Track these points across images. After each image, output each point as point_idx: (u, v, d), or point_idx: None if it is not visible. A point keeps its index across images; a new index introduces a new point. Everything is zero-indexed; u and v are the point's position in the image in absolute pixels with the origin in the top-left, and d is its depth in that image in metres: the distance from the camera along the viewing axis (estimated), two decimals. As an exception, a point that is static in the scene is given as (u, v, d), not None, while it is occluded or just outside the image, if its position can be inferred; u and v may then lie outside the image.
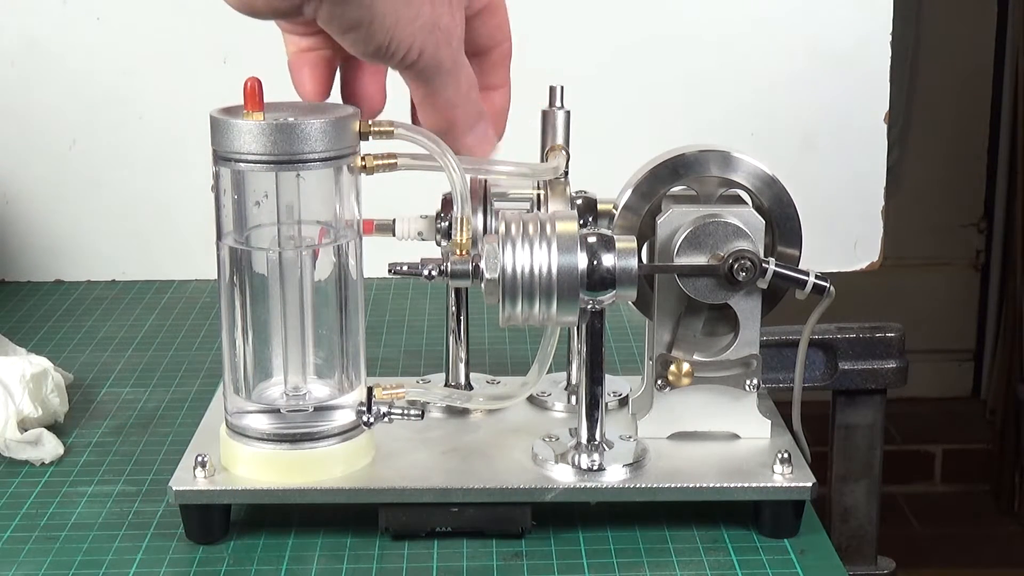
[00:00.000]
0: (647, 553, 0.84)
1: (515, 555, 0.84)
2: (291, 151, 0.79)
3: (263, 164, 0.80)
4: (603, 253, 0.82)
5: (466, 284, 0.84)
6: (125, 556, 0.84)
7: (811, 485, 0.85)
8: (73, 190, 1.46)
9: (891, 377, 1.07)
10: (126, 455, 1.00)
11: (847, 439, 1.09)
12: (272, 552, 0.84)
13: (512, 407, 0.95)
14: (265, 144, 0.79)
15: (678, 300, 0.89)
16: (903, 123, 2.90)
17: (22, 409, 0.99)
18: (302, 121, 0.79)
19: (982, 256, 3.09)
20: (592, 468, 0.86)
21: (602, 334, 0.85)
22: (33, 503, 0.92)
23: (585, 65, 1.44)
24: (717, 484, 0.85)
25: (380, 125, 0.83)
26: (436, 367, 1.04)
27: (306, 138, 0.79)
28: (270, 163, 0.80)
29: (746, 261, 0.85)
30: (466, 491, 0.85)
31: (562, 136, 0.92)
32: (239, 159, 0.80)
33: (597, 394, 0.86)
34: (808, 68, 1.48)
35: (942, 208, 3.03)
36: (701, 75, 1.47)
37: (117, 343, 1.25)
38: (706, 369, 0.89)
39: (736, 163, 0.89)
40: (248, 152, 0.79)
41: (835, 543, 0.91)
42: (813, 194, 1.03)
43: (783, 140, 1.48)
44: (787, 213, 0.89)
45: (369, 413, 0.85)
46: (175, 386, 1.14)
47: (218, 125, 0.80)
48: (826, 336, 1.06)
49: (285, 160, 0.80)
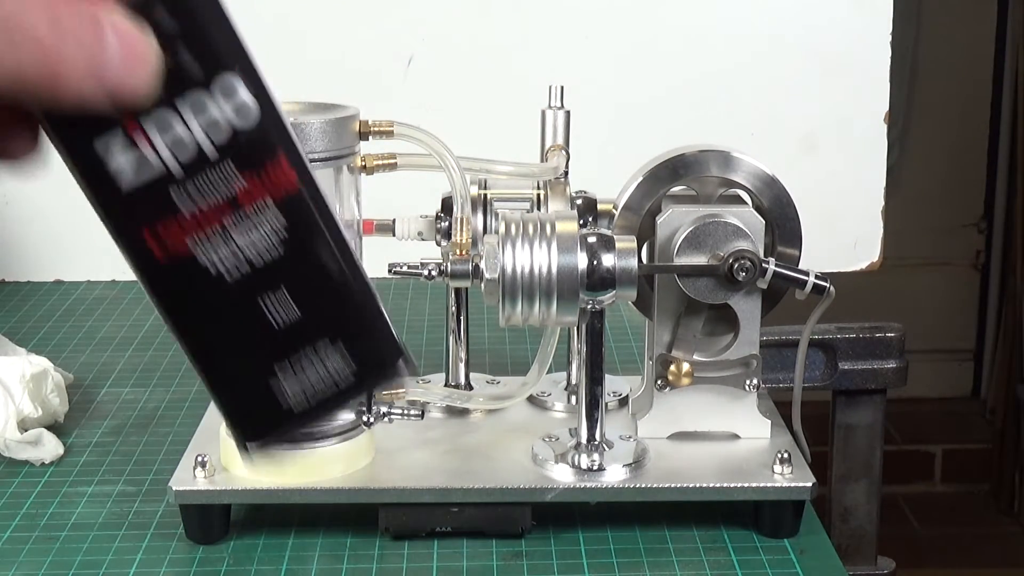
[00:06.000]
0: (647, 553, 0.84)
1: (515, 555, 0.84)
2: (291, 151, 0.79)
3: (263, 164, 0.80)
4: (603, 253, 0.82)
5: (466, 284, 0.84)
6: (125, 556, 0.84)
7: (811, 485, 0.85)
8: (73, 190, 1.46)
9: (891, 377, 1.07)
10: (126, 455, 1.00)
11: (847, 439, 1.09)
12: (272, 552, 0.84)
13: (512, 407, 0.95)
14: (265, 144, 0.79)
15: (678, 300, 0.89)
16: (903, 123, 2.90)
17: (22, 409, 0.98)
18: (302, 121, 0.79)
19: (982, 256, 3.09)
20: (592, 468, 0.86)
21: (602, 334, 0.85)
22: (33, 503, 0.92)
23: (585, 65, 1.44)
24: (717, 484, 0.85)
25: (380, 125, 0.83)
26: (436, 367, 1.04)
27: (306, 138, 0.79)
28: (270, 163, 0.80)
29: (746, 261, 0.85)
30: (466, 491, 0.85)
31: (562, 136, 0.92)
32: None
33: (597, 394, 0.86)
34: (808, 68, 1.48)
35: (942, 208, 3.03)
36: (701, 75, 1.47)
37: (117, 343, 1.25)
38: (706, 369, 0.89)
39: (736, 163, 0.89)
40: (248, 152, 0.79)
41: (835, 543, 0.91)
42: (813, 194, 1.02)
43: (783, 140, 1.48)
44: (787, 213, 0.89)
45: (369, 413, 0.85)
46: (175, 386, 1.14)
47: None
48: (826, 336, 1.06)
49: (285, 160, 0.79)
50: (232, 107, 0.42)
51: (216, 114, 0.42)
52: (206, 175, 0.42)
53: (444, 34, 1.43)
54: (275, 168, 0.43)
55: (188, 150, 0.42)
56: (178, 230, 0.43)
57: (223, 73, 0.42)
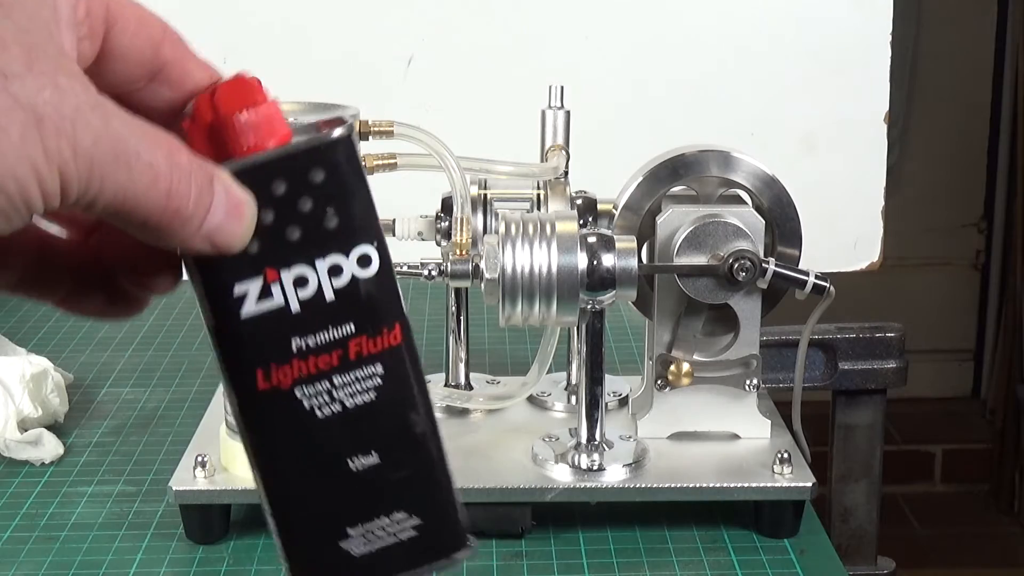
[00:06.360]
0: (647, 553, 0.84)
1: (515, 555, 0.84)
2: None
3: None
4: (603, 253, 0.82)
5: (466, 284, 0.84)
6: (125, 556, 0.84)
7: (811, 485, 0.85)
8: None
9: (891, 377, 1.07)
10: (126, 455, 1.00)
11: (847, 439, 1.09)
12: (272, 552, 0.84)
13: (512, 407, 0.95)
14: (265, 144, 0.79)
15: (678, 300, 0.88)
16: (903, 123, 2.90)
17: (22, 409, 0.98)
18: (301, 121, 0.79)
19: (982, 256, 3.09)
20: (592, 468, 0.86)
21: (602, 334, 0.85)
22: (33, 503, 0.92)
23: (585, 65, 1.44)
24: (717, 484, 0.85)
25: (380, 125, 0.83)
26: (436, 367, 1.04)
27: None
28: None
29: (746, 261, 0.85)
30: (466, 491, 0.85)
31: (562, 136, 0.92)
32: (239, 159, 0.80)
33: (597, 394, 0.86)
34: (808, 68, 1.48)
35: (942, 208, 3.02)
36: (701, 75, 1.47)
37: (117, 343, 1.25)
38: (706, 369, 0.89)
39: (736, 163, 0.89)
40: (248, 152, 0.79)
41: (835, 543, 0.91)
42: (813, 194, 1.02)
43: (783, 140, 1.48)
44: (787, 213, 0.89)
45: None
46: (175, 386, 1.14)
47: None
48: (826, 336, 1.06)
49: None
50: (364, 274, 0.46)
51: (347, 278, 0.45)
52: (326, 328, 0.45)
53: (444, 34, 1.43)
54: (389, 334, 0.46)
55: (315, 302, 0.45)
56: (287, 369, 0.45)
57: (362, 244, 0.45)
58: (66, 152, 0.39)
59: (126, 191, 0.41)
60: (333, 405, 0.45)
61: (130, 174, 0.41)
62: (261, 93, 0.44)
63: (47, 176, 0.39)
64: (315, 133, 0.45)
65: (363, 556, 0.46)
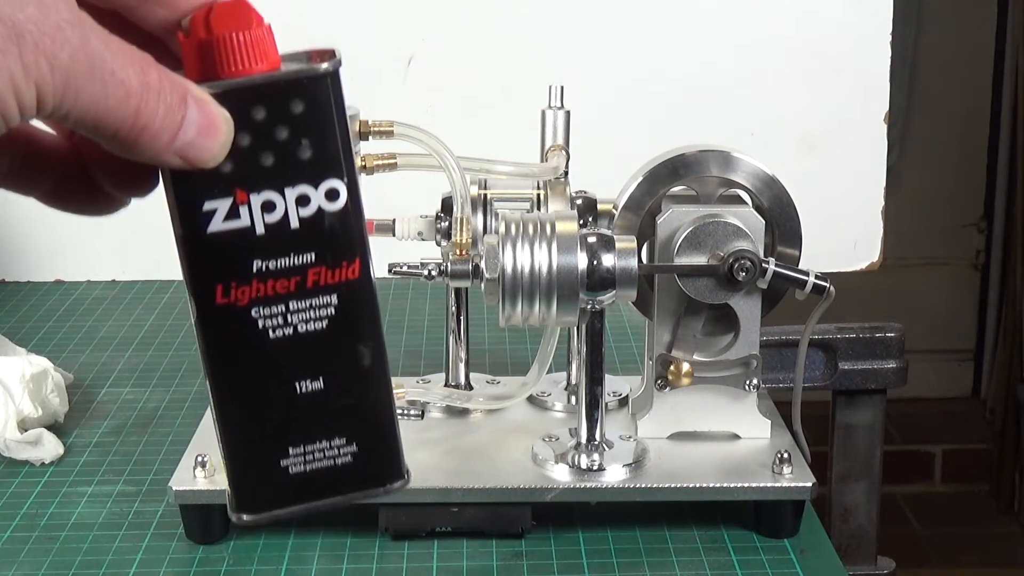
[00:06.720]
0: (647, 553, 0.84)
1: (515, 555, 0.84)
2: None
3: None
4: (603, 253, 0.82)
5: (466, 284, 0.84)
6: (125, 556, 0.84)
7: (811, 485, 0.85)
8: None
9: (891, 377, 1.07)
10: (126, 455, 1.00)
11: (847, 439, 1.09)
12: (272, 552, 0.84)
13: (512, 407, 0.95)
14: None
15: (678, 300, 0.89)
16: (903, 123, 2.90)
17: (22, 409, 0.98)
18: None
19: (982, 256, 3.08)
20: (592, 468, 0.86)
21: (602, 334, 0.85)
22: (33, 503, 0.92)
23: (585, 65, 1.44)
24: (717, 484, 0.85)
25: (380, 125, 0.83)
26: (436, 367, 1.04)
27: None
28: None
29: (746, 261, 0.85)
30: (466, 491, 0.85)
31: (562, 136, 0.92)
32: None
33: (597, 394, 0.86)
34: (808, 68, 1.48)
35: (942, 208, 3.02)
36: (701, 75, 1.47)
37: (117, 343, 1.25)
38: (706, 369, 0.89)
39: (736, 163, 0.89)
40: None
41: (835, 543, 0.91)
42: (813, 194, 1.02)
43: (783, 140, 1.48)
44: (787, 213, 0.89)
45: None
46: (175, 386, 1.14)
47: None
48: (826, 336, 1.06)
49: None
50: (330, 208, 0.47)
51: (313, 209, 0.46)
52: (288, 254, 0.47)
53: (444, 34, 1.43)
54: (348, 267, 0.47)
55: (280, 228, 0.46)
56: (247, 288, 0.47)
57: (331, 178, 0.46)
58: (43, 67, 0.41)
59: (98, 106, 0.43)
60: (286, 328, 0.47)
61: (104, 89, 0.43)
62: (256, 17, 0.45)
63: (24, 89, 0.41)
64: (305, 63, 0.46)
65: (299, 475, 0.49)
